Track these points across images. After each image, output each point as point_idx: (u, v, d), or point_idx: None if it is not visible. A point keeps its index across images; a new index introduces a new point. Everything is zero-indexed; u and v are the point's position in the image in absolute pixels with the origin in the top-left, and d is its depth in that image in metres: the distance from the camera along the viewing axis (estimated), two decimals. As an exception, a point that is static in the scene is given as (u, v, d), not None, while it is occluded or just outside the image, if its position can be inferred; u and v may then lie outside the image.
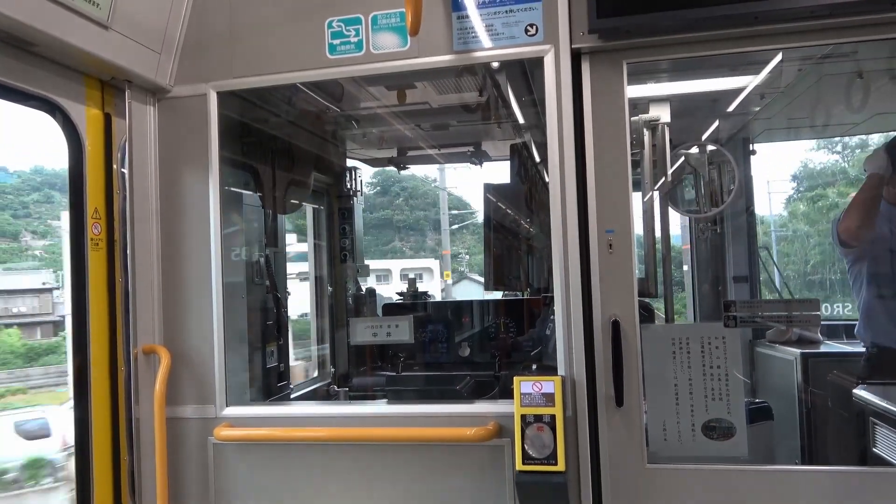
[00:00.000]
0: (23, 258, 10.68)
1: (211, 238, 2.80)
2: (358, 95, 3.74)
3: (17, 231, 11.61)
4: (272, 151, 3.85)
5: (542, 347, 4.18)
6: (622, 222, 2.50)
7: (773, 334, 4.09)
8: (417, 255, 18.21)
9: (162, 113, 2.85)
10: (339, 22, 2.71)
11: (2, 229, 11.03)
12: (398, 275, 16.71)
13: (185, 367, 2.80)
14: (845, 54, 3.20)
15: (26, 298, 12.06)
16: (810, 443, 3.62)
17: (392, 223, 15.82)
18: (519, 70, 3.27)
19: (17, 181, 11.83)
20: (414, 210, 17.97)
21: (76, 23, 2.32)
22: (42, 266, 11.77)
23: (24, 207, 12.31)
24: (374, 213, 16.48)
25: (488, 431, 2.46)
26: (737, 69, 3.46)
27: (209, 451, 2.76)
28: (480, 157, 4.92)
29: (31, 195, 12.42)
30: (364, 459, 2.64)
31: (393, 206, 15.80)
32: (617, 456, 2.47)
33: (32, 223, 11.98)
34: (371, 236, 16.00)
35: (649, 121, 2.97)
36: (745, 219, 4.77)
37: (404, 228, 18.15)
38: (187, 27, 2.82)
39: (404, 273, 16.58)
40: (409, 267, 17.86)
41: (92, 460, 2.59)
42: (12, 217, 11.39)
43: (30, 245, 11.56)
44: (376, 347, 4.28)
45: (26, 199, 12.42)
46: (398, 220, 15.14)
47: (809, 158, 10.13)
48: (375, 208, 16.33)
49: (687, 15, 2.34)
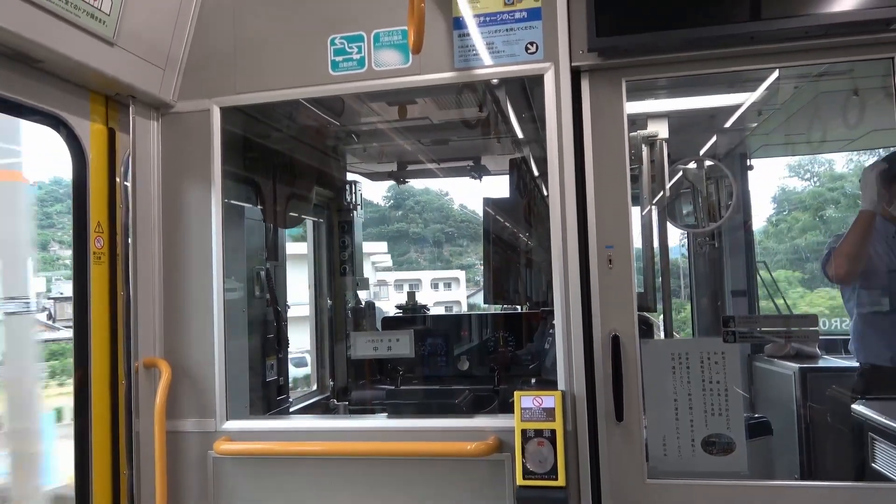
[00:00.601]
0: (56, 267, 10.63)
1: (212, 252, 2.81)
2: (359, 110, 3.77)
3: (46, 241, 11.58)
4: (274, 166, 3.87)
5: (541, 361, 4.19)
6: (622, 237, 2.52)
7: (772, 349, 4.09)
8: (433, 265, 18.65)
9: (165, 128, 2.88)
10: (341, 39, 2.74)
11: (33, 240, 11.03)
12: (429, 284, 17.31)
13: (185, 381, 2.80)
14: (841, 72, 3.24)
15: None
16: (809, 458, 3.62)
17: (408, 235, 16.11)
18: (518, 86, 3.31)
19: (39, 193, 11.81)
20: (428, 223, 18.25)
21: (82, 40, 2.35)
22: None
23: (48, 217, 12.29)
24: (388, 225, 16.79)
25: (488, 446, 2.46)
26: (734, 86, 3.50)
27: (209, 464, 2.76)
28: (480, 171, 4.95)
29: (55, 206, 12.39)
30: (363, 473, 2.64)
31: (408, 219, 16.10)
32: (617, 471, 2.48)
33: (58, 233, 11.95)
34: (387, 249, 16.49)
35: (648, 136, 3.00)
36: (743, 233, 4.79)
37: (419, 241, 18.44)
38: (191, 44, 2.86)
39: (434, 282, 17.16)
40: (439, 277, 18.47)
41: (91, 473, 2.58)
42: (39, 228, 11.37)
43: (59, 255, 11.50)
44: (375, 361, 4.28)
45: (49, 210, 12.39)
46: (414, 232, 15.44)
47: (786, 184, 10.33)
48: (390, 221, 16.62)
49: (684, 34, 2.38)
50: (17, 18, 2.10)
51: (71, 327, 2.61)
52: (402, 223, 16.72)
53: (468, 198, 23.58)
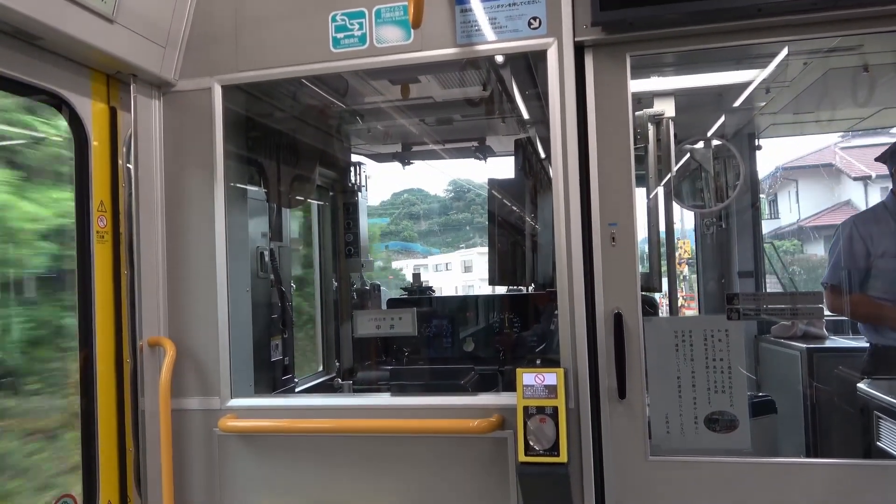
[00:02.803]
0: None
1: (215, 231, 2.81)
2: (362, 90, 3.75)
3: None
4: (277, 146, 3.86)
5: (547, 343, 4.19)
6: (625, 215, 2.50)
7: (778, 329, 4.07)
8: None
9: (167, 107, 2.87)
10: (342, 16, 2.71)
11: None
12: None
13: (190, 360, 2.82)
14: (851, 48, 3.19)
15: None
16: (815, 437, 3.62)
17: (471, 222, 17.04)
18: (523, 64, 3.27)
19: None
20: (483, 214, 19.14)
21: (81, 17, 2.34)
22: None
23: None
24: (450, 214, 17.88)
25: (491, 423, 2.46)
26: (742, 63, 3.45)
27: (214, 442, 2.78)
28: (485, 152, 4.92)
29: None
30: (368, 451, 2.65)
31: (470, 210, 17.05)
32: (619, 448, 2.48)
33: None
34: (452, 235, 17.63)
35: (654, 115, 2.97)
36: (751, 214, 4.75)
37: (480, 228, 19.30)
38: (192, 21, 2.84)
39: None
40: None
41: (98, 452, 2.61)
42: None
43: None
44: (381, 342, 4.29)
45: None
46: (478, 221, 16.34)
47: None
48: (452, 210, 17.74)
49: (690, 7, 2.34)
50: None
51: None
52: (465, 213, 17.53)
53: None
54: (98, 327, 2.63)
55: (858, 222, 3.42)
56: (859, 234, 3.36)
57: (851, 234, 3.38)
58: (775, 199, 7.77)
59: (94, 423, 2.61)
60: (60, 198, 2.81)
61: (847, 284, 3.37)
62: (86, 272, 2.61)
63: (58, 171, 2.87)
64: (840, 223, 3.52)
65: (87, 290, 2.61)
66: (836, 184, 7.36)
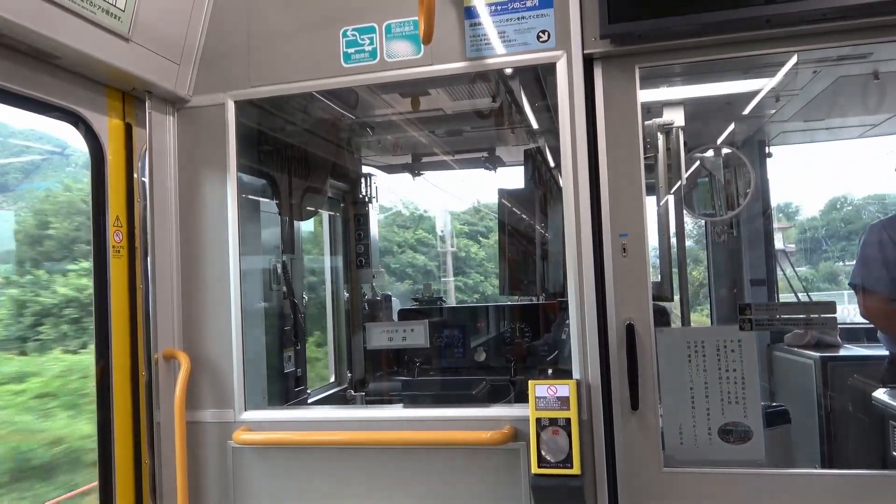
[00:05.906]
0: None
1: (229, 244, 2.84)
2: (372, 103, 3.78)
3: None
4: (289, 159, 3.90)
5: (559, 352, 4.18)
6: (636, 225, 2.50)
7: (792, 338, 4.05)
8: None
9: (181, 122, 2.91)
10: (353, 31, 2.75)
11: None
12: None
13: (204, 372, 2.84)
14: (861, 56, 3.18)
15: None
16: (829, 446, 3.58)
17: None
18: (532, 76, 3.29)
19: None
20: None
21: (98, 36, 2.38)
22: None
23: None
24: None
25: (504, 435, 2.47)
26: (751, 72, 3.45)
27: (228, 454, 2.80)
28: (494, 162, 4.94)
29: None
30: (381, 463, 2.66)
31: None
32: (633, 460, 2.47)
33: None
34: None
35: (663, 125, 2.98)
36: (763, 222, 4.74)
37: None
38: (205, 38, 2.88)
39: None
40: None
41: (114, 464, 2.63)
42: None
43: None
44: (392, 353, 4.30)
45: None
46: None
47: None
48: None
49: (698, 19, 2.35)
50: (33, 15, 2.14)
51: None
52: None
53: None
54: (114, 340, 2.66)
55: (888, 227, 3.31)
56: (890, 238, 3.26)
57: (882, 240, 3.27)
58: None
59: (110, 435, 2.64)
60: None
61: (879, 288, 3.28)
62: (102, 286, 2.64)
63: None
64: (868, 226, 3.42)
65: (103, 304, 2.64)
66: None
